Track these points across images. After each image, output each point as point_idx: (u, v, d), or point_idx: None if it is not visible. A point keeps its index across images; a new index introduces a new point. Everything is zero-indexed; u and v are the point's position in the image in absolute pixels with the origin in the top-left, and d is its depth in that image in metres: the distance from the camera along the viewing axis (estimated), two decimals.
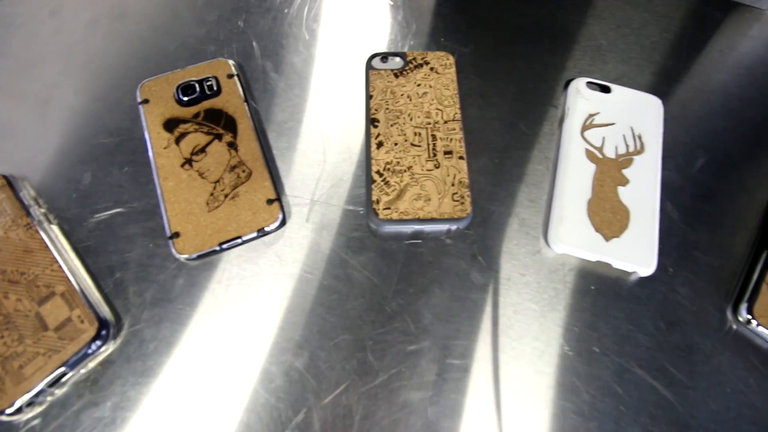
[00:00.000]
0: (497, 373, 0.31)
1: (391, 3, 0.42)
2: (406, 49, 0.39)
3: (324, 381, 0.30)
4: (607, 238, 0.33)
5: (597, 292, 0.33)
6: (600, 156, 0.36)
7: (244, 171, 0.34)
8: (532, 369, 0.31)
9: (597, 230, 0.33)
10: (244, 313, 0.31)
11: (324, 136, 0.36)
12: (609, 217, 0.34)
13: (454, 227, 0.34)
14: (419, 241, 0.33)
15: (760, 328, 0.32)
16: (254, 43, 0.40)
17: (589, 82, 0.38)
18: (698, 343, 0.33)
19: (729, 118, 0.39)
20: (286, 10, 0.41)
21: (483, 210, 0.35)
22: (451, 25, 0.41)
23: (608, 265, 0.33)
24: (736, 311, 0.33)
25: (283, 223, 0.33)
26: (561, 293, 0.33)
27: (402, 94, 0.37)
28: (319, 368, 0.30)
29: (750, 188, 0.37)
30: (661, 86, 0.40)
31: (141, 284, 0.32)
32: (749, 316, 0.32)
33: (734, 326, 0.33)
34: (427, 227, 0.33)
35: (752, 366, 0.32)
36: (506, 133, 0.38)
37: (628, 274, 0.33)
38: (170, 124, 0.35)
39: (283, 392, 0.29)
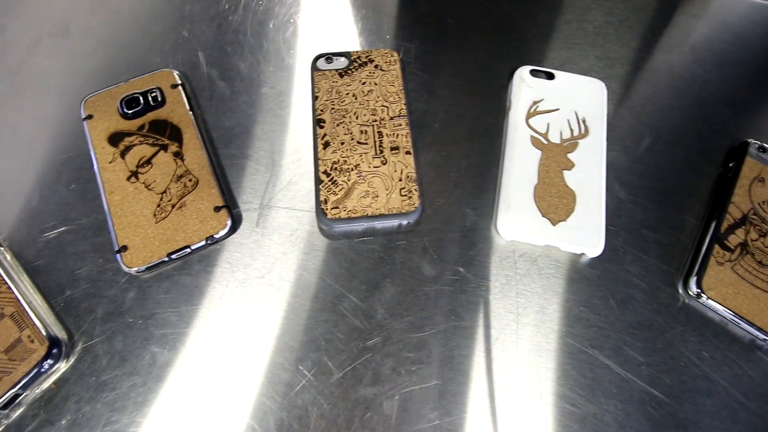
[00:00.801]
0: (452, 363, 0.31)
1: (336, 3, 0.42)
2: (352, 49, 0.40)
3: (279, 383, 0.30)
4: (554, 223, 0.33)
5: (548, 275, 0.33)
6: (545, 142, 0.36)
7: (190, 180, 0.34)
8: (487, 356, 0.31)
9: (544, 215, 0.33)
10: (197, 321, 0.31)
11: (272, 140, 0.36)
12: (555, 201, 0.34)
13: (404, 222, 0.34)
14: (370, 237, 0.34)
15: (710, 301, 0.32)
16: (199, 52, 0.40)
17: (533, 70, 0.39)
18: (650, 319, 0.33)
19: (673, 97, 0.40)
20: (230, 17, 0.41)
21: (433, 203, 0.35)
22: (395, 22, 0.42)
23: (557, 249, 0.33)
24: (686, 286, 0.33)
25: (233, 229, 0.33)
26: (512, 279, 0.33)
27: (347, 93, 0.37)
28: (278, 370, 0.30)
29: (696, 164, 0.38)
30: (605, 69, 0.40)
31: (92, 300, 0.32)
32: (699, 290, 0.32)
33: (685, 301, 0.33)
34: (377, 224, 0.33)
35: (705, 338, 0.33)
36: (454, 126, 0.38)
37: (578, 256, 0.34)
38: (115, 138, 0.35)
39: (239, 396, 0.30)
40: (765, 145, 0.37)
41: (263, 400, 0.29)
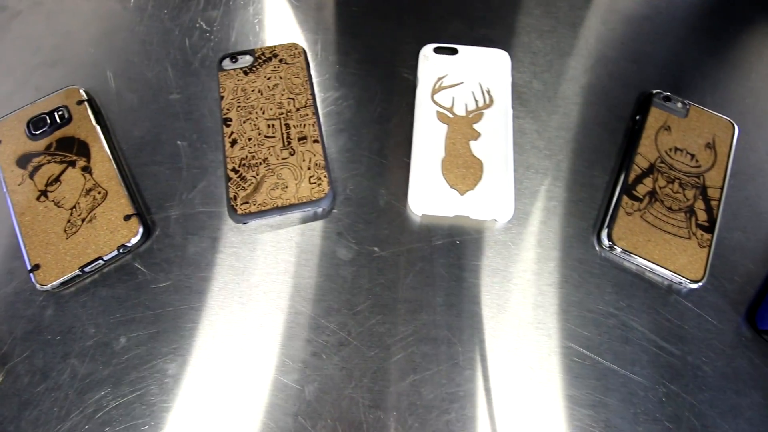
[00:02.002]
0: (372, 341, 0.31)
1: (240, 4, 0.42)
2: (259, 46, 0.40)
3: (200, 381, 0.30)
4: (462, 193, 0.34)
5: (462, 245, 0.34)
6: (450, 116, 0.36)
7: (99, 192, 0.34)
8: (406, 331, 0.31)
9: (452, 186, 0.34)
10: (118, 331, 0.31)
11: (182, 144, 0.37)
12: (462, 172, 0.34)
13: (318, 209, 0.34)
14: (285, 228, 0.34)
15: (623, 252, 0.33)
16: (106, 66, 0.40)
17: (437, 48, 0.39)
18: (567, 275, 0.33)
19: (579, 57, 0.40)
20: (135, 28, 0.41)
21: (346, 187, 0.35)
22: (301, 15, 0.42)
23: (467, 218, 0.34)
24: (599, 240, 0.34)
25: (146, 236, 0.33)
26: (427, 253, 0.33)
27: (253, 90, 0.37)
28: (194, 370, 0.30)
29: (605, 121, 0.38)
30: (511, 39, 0.41)
31: (11, 322, 0.32)
32: (610, 242, 0.33)
33: (600, 254, 0.34)
34: (290, 213, 0.34)
35: (621, 289, 0.33)
36: (364, 110, 0.38)
37: (491, 222, 0.34)
38: (23, 160, 0.35)
39: (158, 400, 0.29)
40: (669, 94, 0.38)
41: (183, 397, 0.29)
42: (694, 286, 0.32)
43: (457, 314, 0.32)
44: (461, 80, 0.38)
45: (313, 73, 0.39)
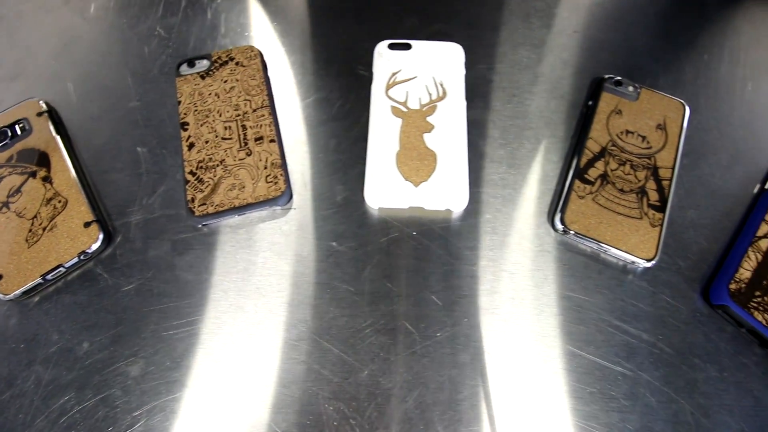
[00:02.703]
0: (330, 334, 0.31)
1: (198, 10, 0.42)
2: (216, 50, 0.40)
3: (163, 383, 0.30)
4: (416, 184, 0.34)
5: (419, 236, 0.34)
6: (404, 110, 0.37)
7: (60, 201, 0.34)
8: (364, 323, 0.32)
9: (406, 179, 0.34)
10: (81, 336, 0.31)
11: (142, 150, 0.37)
12: (416, 164, 0.35)
13: (277, 207, 0.34)
14: (243, 228, 0.35)
15: (575, 235, 0.33)
16: (67, 77, 0.40)
17: (391, 44, 0.40)
18: (523, 261, 0.34)
19: (532, 47, 0.41)
20: (94, 38, 0.41)
21: (306, 185, 0.36)
22: (259, 18, 0.42)
23: (422, 209, 0.34)
24: (553, 224, 0.35)
25: (106, 242, 0.34)
26: (384, 246, 0.34)
27: (210, 94, 0.38)
28: (157, 371, 0.31)
29: (558, 108, 0.38)
30: (465, 32, 0.41)
31: None
32: (563, 226, 0.34)
33: (555, 238, 0.34)
34: (249, 213, 0.34)
35: (576, 271, 0.34)
36: (322, 108, 0.39)
37: (447, 212, 0.35)
38: None
39: (122, 402, 0.30)
40: (620, 79, 0.39)
41: (145, 399, 0.30)
42: (647, 264, 0.33)
43: (414, 304, 0.32)
44: (415, 74, 0.38)
45: (271, 73, 0.40)
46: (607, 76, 0.39)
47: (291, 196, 0.35)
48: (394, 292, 0.33)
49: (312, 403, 0.30)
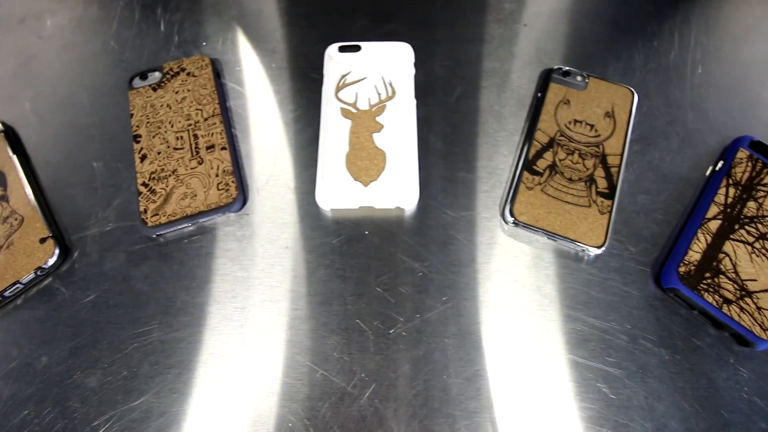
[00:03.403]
0: (286, 335, 0.32)
1: (150, 23, 0.43)
2: (168, 62, 0.41)
3: (120, 392, 0.31)
4: (366, 184, 0.35)
5: (371, 235, 0.35)
6: (354, 111, 0.37)
7: (16, 219, 0.35)
8: (317, 323, 0.32)
9: (355, 179, 0.35)
10: (40, 350, 0.32)
11: (97, 165, 0.37)
12: (366, 164, 0.35)
13: (231, 214, 0.35)
14: (198, 236, 0.35)
15: (525, 227, 0.34)
16: (23, 96, 0.40)
17: (341, 47, 0.40)
18: (476, 254, 0.34)
19: (480, 42, 0.41)
20: (50, 57, 0.42)
21: (258, 190, 0.36)
22: (211, 27, 0.43)
23: (372, 208, 0.35)
24: (504, 216, 0.35)
25: (63, 256, 0.34)
26: (337, 247, 0.34)
27: (161, 105, 0.38)
28: (114, 381, 0.31)
29: (508, 102, 0.39)
30: (414, 32, 0.41)
31: None
32: (513, 218, 0.34)
33: (506, 230, 0.35)
34: (200, 221, 0.34)
35: (527, 262, 0.34)
36: (275, 113, 0.39)
37: (398, 210, 0.35)
38: None
39: (79, 413, 0.30)
40: (568, 69, 0.39)
41: (104, 410, 0.30)
42: (597, 252, 0.33)
43: (367, 302, 0.33)
44: (364, 75, 0.39)
45: (224, 81, 0.40)
46: (555, 67, 0.39)
47: (244, 202, 0.35)
48: (347, 291, 0.33)
49: (268, 405, 0.30)
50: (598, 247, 0.33)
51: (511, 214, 0.34)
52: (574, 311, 0.33)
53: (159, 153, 0.36)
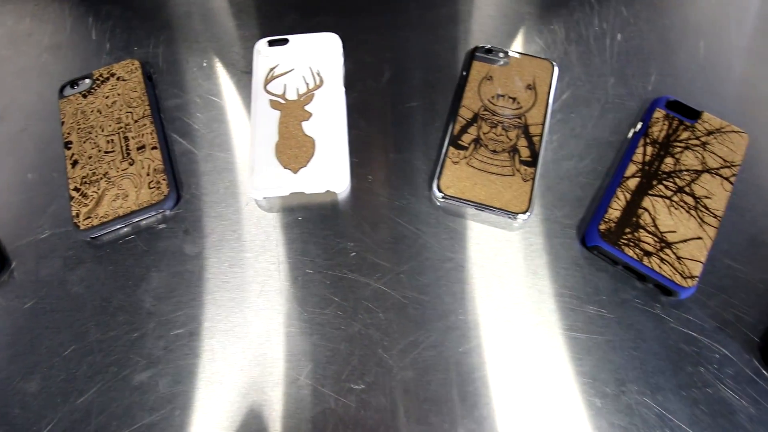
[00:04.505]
0: (223, 327, 0.32)
1: (80, 31, 0.43)
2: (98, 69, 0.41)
3: (59, 394, 0.31)
4: (295, 171, 0.35)
5: (304, 220, 0.35)
6: (283, 102, 0.38)
7: None
8: (255, 311, 0.32)
9: (285, 167, 0.35)
10: None
11: (32, 175, 0.37)
12: (295, 152, 0.36)
13: (167, 212, 0.35)
14: (132, 236, 0.35)
15: (453, 199, 0.35)
16: None
17: (270, 41, 0.41)
18: (406, 230, 0.35)
19: (406, 27, 0.42)
20: None
21: (192, 186, 0.37)
22: (142, 32, 0.43)
23: (303, 194, 0.35)
24: (432, 192, 0.36)
25: (0, 268, 0.34)
26: (271, 234, 0.35)
27: (92, 111, 0.38)
28: (53, 384, 0.31)
29: (435, 82, 0.40)
30: (342, 23, 0.42)
31: None
32: (440, 192, 0.35)
33: (435, 205, 0.36)
34: (133, 220, 0.34)
35: (456, 233, 0.35)
36: (208, 111, 0.40)
37: (330, 194, 0.36)
38: None
39: (20, 418, 0.30)
40: (490, 47, 0.40)
41: (45, 413, 0.30)
42: (523, 217, 0.34)
43: (304, 286, 0.33)
44: (292, 67, 0.39)
45: (156, 82, 0.40)
46: (478, 46, 0.40)
47: (178, 199, 0.36)
48: (283, 276, 0.34)
49: (206, 397, 0.31)
50: (523, 213, 0.34)
51: (439, 189, 0.35)
52: (504, 276, 0.33)
53: (90, 157, 0.36)
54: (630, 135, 0.38)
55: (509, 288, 0.33)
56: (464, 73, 0.39)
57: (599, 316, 0.32)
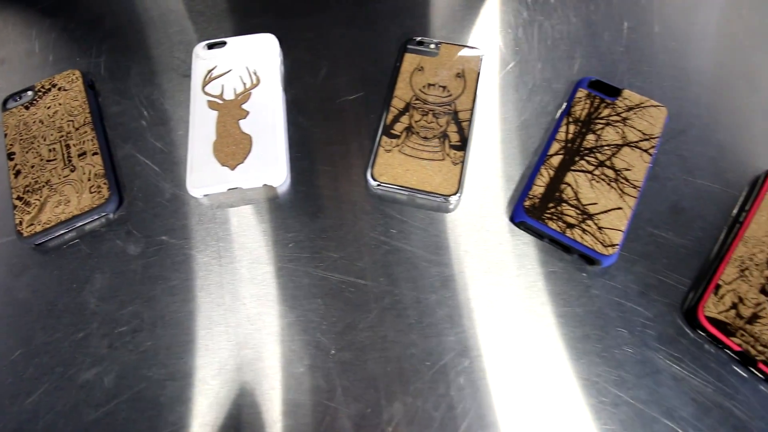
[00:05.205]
0: (164, 322, 0.33)
1: (21, 41, 0.44)
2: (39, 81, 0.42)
3: (6, 397, 0.31)
4: (232, 167, 0.36)
5: (244, 215, 0.36)
6: (220, 102, 0.39)
7: None
8: (197, 306, 0.33)
9: (222, 164, 0.36)
10: None
11: None
12: (232, 149, 0.37)
13: (110, 215, 0.36)
14: (76, 240, 0.36)
15: (386, 186, 0.36)
16: None
17: (208, 44, 0.42)
18: (343, 218, 0.36)
19: (344, 25, 0.43)
20: None
21: (135, 188, 0.37)
22: (83, 43, 0.44)
23: (241, 189, 0.36)
24: (366, 180, 0.37)
25: None
26: (212, 230, 0.36)
27: (34, 122, 0.39)
28: (1, 387, 0.32)
29: (370, 76, 0.41)
30: (279, 23, 0.43)
31: None
32: (374, 180, 0.36)
33: (370, 193, 0.37)
34: (76, 225, 0.35)
35: (391, 218, 0.36)
36: (147, 116, 0.40)
37: (270, 188, 0.37)
38: None
39: None
40: (421, 39, 0.41)
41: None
42: (454, 198, 0.35)
43: (244, 278, 0.34)
44: (230, 68, 0.40)
45: (99, 91, 0.41)
46: (409, 38, 0.42)
47: (120, 202, 0.37)
48: (224, 270, 0.35)
49: (149, 390, 0.31)
50: (453, 195, 0.35)
51: (373, 177, 0.36)
52: (436, 256, 0.35)
53: (33, 167, 0.37)
54: (557, 116, 0.40)
55: (442, 266, 0.34)
56: (397, 65, 0.41)
57: (529, 287, 0.34)
